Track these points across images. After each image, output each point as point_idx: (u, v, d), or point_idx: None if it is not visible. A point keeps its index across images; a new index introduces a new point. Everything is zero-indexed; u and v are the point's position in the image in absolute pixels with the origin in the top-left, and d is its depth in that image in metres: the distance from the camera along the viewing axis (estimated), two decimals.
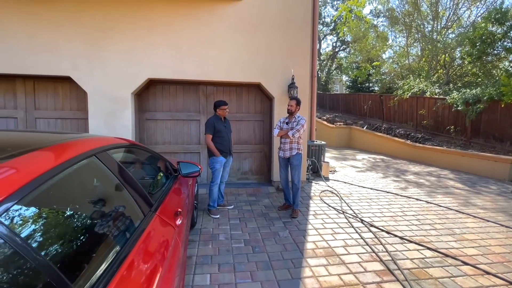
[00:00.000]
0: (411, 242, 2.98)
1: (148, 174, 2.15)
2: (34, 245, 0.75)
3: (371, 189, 5.06)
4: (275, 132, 3.78)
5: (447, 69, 11.82)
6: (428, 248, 2.84)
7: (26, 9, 4.06)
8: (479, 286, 2.24)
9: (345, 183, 5.46)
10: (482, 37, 8.81)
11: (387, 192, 4.85)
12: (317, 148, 5.76)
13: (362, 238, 3.05)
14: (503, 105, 7.02)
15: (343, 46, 22.67)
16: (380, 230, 3.26)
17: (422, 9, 12.76)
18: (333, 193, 4.68)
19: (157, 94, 4.86)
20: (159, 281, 1.08)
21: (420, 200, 4.44)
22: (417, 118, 10.14)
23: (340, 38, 21.16)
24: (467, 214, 3.88)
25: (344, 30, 15.47)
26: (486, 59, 9.58)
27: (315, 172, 5.75)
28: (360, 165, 7.65)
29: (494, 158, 6.36)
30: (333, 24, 21.25)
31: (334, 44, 23.94)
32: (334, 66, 23.78)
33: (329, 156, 8.83)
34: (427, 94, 10.02)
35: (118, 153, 1.64)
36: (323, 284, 2.23)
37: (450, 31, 12.64)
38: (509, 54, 9.16)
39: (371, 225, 3.39)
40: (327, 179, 5.64)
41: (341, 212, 3.83)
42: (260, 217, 3.62)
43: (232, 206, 3.97)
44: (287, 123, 3.73)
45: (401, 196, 4.67)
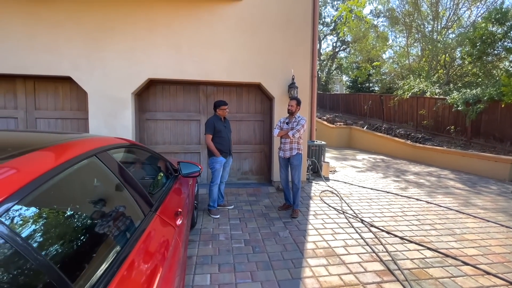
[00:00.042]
0: (411, 242, 2.98)
1: (148, 174, 2.15)
2: (34, 245, 0.75)
3: (371, 189, 5.06)
4: (275, 132, 3.78)
5: (447, 69, 11.82)
6: (428, 248, 2.84)
7: (26, 9, 4.07)
8: (479, 286, 2.23)
9: (345, 183, 5.45)
10: (482, 37, 8.80)
11: (387, 192, 4.85)
12: (317, 148, 5.76)
13: (362, 238, 3.05)
14: (503, 105, 7.02)
15: (343, 46, 22.67)
16: (380, 230, 3.26)
17: (422, 9, 12.76)
18: (333, 193, 4.68)
19: (157, 94, 4.86)
20: (159, 281, 1.08)
21: (420, 200, 4.44)
22: (417, 118, 10.13)
23: (340, 38, 21.16)
24: (468, 214, 3.88)
25: (344, 30, 15.46)
26: (487, 59, 9.59)
27: (315, 172, 5.75)
28: (360, 165, 7.65)
29: (494, 158, 6.35)
30: (333, 24, 21.26)
31: (334, 44, 23.97)
32: (334, 66, 23.79)
33: (329, 156, 8.83)
34: (427, 94, 10.02)
35: (118, 153, 1.63)
36: (323, 284, 2.23)
37: (450, 31, 12.65)
38: (509, 54, 9.16)
39: (371, 225, 3.39)
40: (327, 179, 5.64)
41: (341, 212, 3.83)
42: (260, 217, 3.62)
43: (232, 206, 3.97)
44: (287, 123, 3.73)
45: (401, 196, 4.67)
